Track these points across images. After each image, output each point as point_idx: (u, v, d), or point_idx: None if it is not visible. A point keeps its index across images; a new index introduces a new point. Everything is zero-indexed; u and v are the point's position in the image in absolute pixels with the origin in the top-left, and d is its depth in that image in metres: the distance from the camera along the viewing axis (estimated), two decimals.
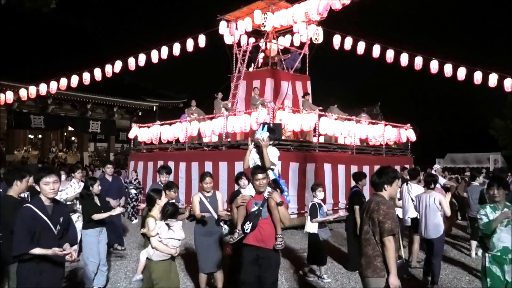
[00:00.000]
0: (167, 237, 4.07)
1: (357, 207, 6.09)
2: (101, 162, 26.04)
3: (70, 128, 28.89)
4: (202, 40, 13.33)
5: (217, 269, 5.03)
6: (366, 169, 12.04)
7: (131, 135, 14.84)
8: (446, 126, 42.13)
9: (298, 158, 10.22)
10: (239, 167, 9.98)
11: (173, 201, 4.73)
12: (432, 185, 5.95)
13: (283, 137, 10.43)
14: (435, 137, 36.62)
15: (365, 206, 3.51)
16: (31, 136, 28.91)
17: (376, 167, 12.23)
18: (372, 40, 12.24)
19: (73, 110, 25.85)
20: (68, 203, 6.45)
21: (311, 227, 5.94)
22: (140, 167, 13.60)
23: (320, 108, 11.97)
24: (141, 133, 14.27)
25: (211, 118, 12.11)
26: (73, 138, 31.57)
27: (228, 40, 14.07)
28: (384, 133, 13.00)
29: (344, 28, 13.04)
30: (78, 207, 7.41)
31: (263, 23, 12.00)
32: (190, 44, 13.27)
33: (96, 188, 5.45)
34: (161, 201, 4.44)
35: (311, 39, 13.57)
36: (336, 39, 12.85)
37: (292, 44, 14.60)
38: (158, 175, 6.49)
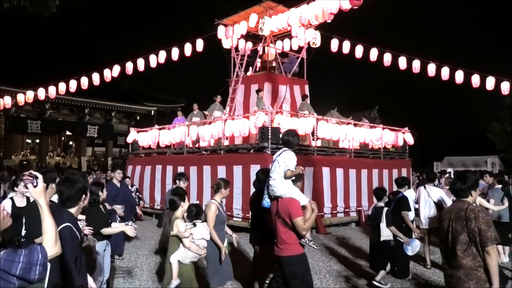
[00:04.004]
0: (199, 238, 4.11)
1: (405, 213, 6.20)
2: (99, 166, 25.99)
3: (67, 133, 28.81)
4: (200, 44, 13.35)
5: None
6: (364, 172, 12.05)
7: (129, 139, 14.79)
8: (443, 129, 42.31)
9: (296, 161, 10.18)
10: (237, 171, 9.97)
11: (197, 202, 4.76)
12: None
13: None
14: (433, 140, 36.74)
15: (450, 214, 3.30)
16: (29, 141, 28.86)
17: (375, 171, 12.34)
18: (369, 43, 12.27)
19: (70, 114, 25.83)
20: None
21: (388, 234, 5.73)
22: (138, 172, 13.57)
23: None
24: (139, 137, 14.25)
25: (207, 123, 12.12)
26: (70, 143, 31.54)
27: (226, 44, 14.08)
28: (382, 136, 13.00)
29: (342, 32, 13.07)
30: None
31: (260, 28, 12.00)
32: (188, 49, 13.28)
33: (104, 195, 4.90)
34: (185, 204, 4.34)
35: (309, 43, 13.59)
36: (334, 43, 12.87)
37: (290, 48, 14.61)
38: (176, 182, 6.39)
